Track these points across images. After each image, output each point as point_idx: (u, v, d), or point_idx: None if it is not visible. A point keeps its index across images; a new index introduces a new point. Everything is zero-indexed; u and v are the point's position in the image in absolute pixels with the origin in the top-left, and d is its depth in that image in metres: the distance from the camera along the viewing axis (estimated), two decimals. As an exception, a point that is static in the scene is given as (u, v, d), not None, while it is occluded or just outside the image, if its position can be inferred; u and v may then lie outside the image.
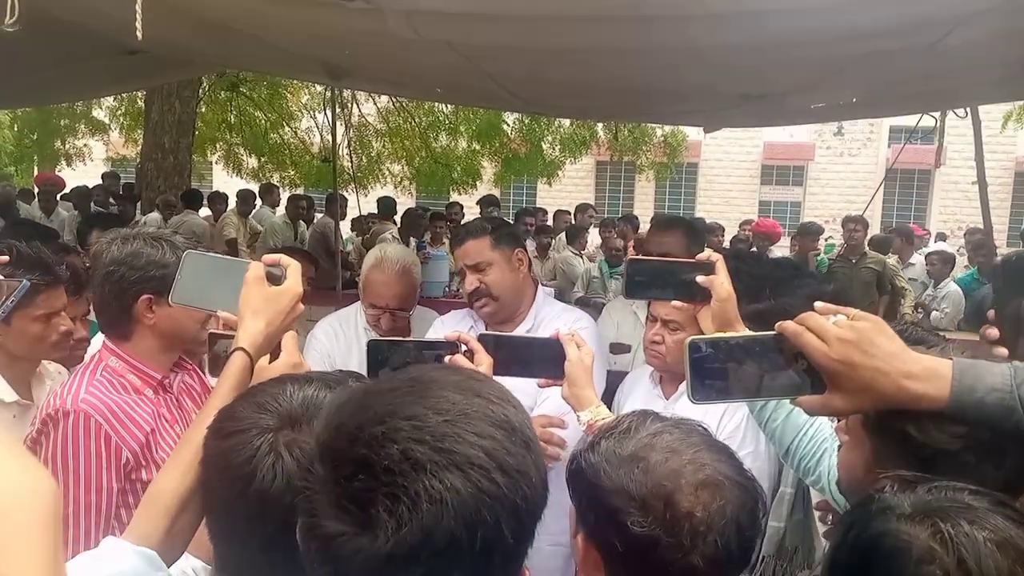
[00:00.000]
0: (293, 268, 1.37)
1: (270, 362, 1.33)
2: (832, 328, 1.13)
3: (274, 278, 1.36)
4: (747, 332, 1.26)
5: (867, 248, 7.56)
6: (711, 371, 1.19)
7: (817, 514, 1.92)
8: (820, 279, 2.20)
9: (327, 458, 0.81)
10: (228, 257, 1.50)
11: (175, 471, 1.11)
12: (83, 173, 14.52)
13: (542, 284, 2.73)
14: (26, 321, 2.04)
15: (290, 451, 0.97)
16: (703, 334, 1.41)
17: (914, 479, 0.94)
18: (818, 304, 1.19)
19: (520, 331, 2.45)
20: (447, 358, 1.49)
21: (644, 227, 8.80)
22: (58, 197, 9.83)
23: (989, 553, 0.80)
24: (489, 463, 0.78)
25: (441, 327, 2.63)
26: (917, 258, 8.51)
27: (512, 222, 7.87)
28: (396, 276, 2.68)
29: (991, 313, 1.28)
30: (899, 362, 1.10)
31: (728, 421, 2.08)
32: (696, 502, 1.04)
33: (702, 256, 1.54)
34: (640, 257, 1.76)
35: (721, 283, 1.51)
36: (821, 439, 1.59)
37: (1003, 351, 1.25)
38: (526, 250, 2.53)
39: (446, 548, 0.75)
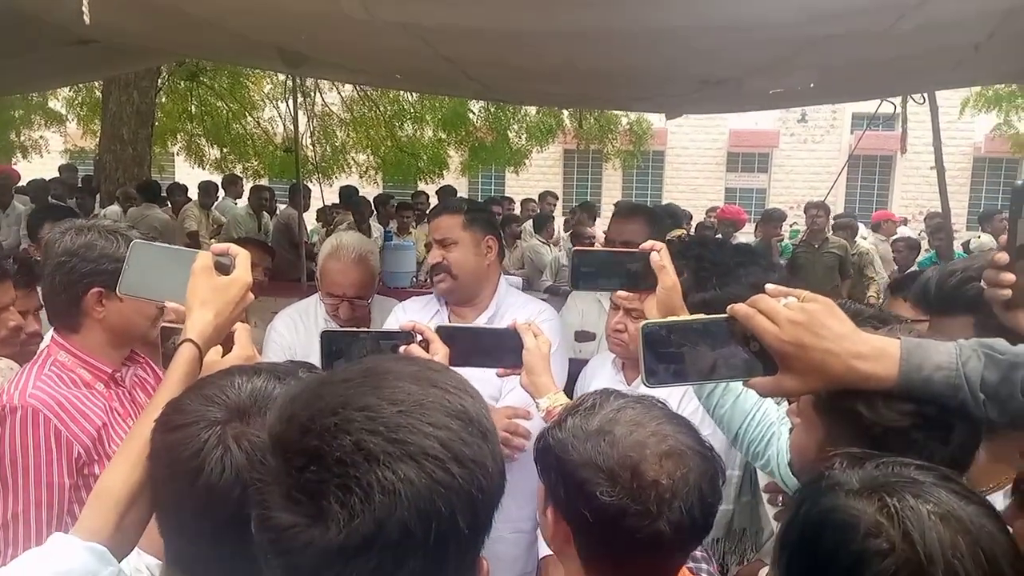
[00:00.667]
0: (242, 257, 1.35)
1: (223, 355, 1.32)
2: (783, 310, 1.14)
3: (223, 267, 1.34)
4: (700, 316, 1.28)
5: (829, 233, 7.69)
6: (665, 355, 1.20)
7: (765, 496, 1.96)
8: (767, 267, 2.21)
9: (279, 449, 0.80)
10: (176, 247, 1.47)
11: (123, 465, 1.09)
12: (40, 166, 14.18)
13: (512, 273, 2.74)
14: None
15: (238, 444, 0.95)
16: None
17: (863, 456, 0.96)
18: (769, 286, 1.21)
19: (481, 319, 2.46)
20: (402, 348, 1.49)
21: (609, 214, 8.85)
22: (13, 190, 9.58)
23: (932, 525, 0.82)
24: (444, 453, 0.77)
25: (403, 313, 2.63)
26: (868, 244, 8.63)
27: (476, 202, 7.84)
28: (353, 264, 2.67)
29: (1003, 238, 1.32)
30: (848, 343, 1.11)
31: (687, 404, 2.10)
32: (661, 471, 1.08)
33: (645, 246, 1.56)
34: (586, 248, 1.78)
35: (666, 271, 1.53)
36: (768, 423, 1.62)
37: (1010, 276, 1.28)
38: (499, 240, 2.53)
39: (399, 540, 0.74)
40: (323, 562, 0.75)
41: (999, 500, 1.47)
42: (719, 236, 8.38)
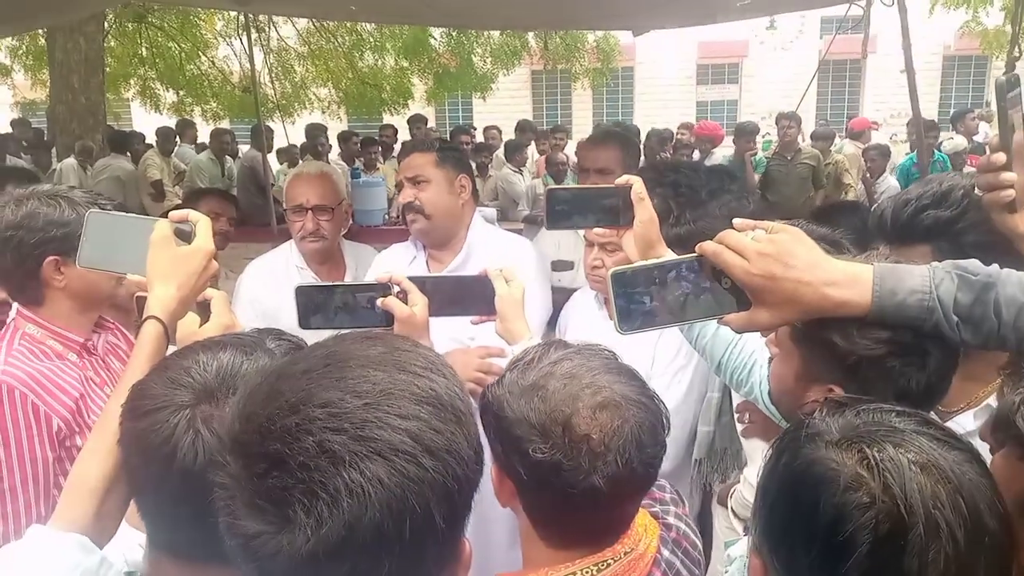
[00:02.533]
0: (203, 224, 1.30)
1: (201, 324, 1.28)
2: (751, 244, 1.12)
3: (184, 235, 1.29)
4: (669, 257, 1.25)
5: (801, 144, 7.63)
6: (636, 300, 1.18)
7: (736, 415, 1.99)
8: (740, 193, 2.18)
9: (238, 452, 0.75)
10: (132, 216, 1.41)
11: (96, 453, 1.07)
12: (-11, 121, 13.66)
13: (486, 204, 2.69)
14: None
15: (208, 427, 0.93)
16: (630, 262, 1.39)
17: (844, 402, 0.95)
18: (736, 221, 1.19)
19: (457, 260, 2.43)
20: (379, 300, 1.45)
21: (582, 135, 8.72)
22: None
23: (913, 476, 0.81)
24: (414, 447, 0.73)
25: (382, 261, 2.59)
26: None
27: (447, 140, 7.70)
28: (315, 176, 2.71)
29: (994, 139, 1.30)
30: (820, 271, 1.10)
31: (670, 338, 2.10)
32: (593, 424, 1.06)
33: (620, 180, 1.52)
34: (558, 187, 1.73)
35: (644, 204, 1.50)
36: (751, 351, 1.62)
37: (1010, 176, 1.26)
38: (471, 178, 2.48)
39: (372, 541, 0.71)
40: (294, 568, 0.72)
41: (969, 420, 1.49)
42: (696, 155, 8.32)
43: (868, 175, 7.62)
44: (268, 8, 6.48)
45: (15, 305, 1.87)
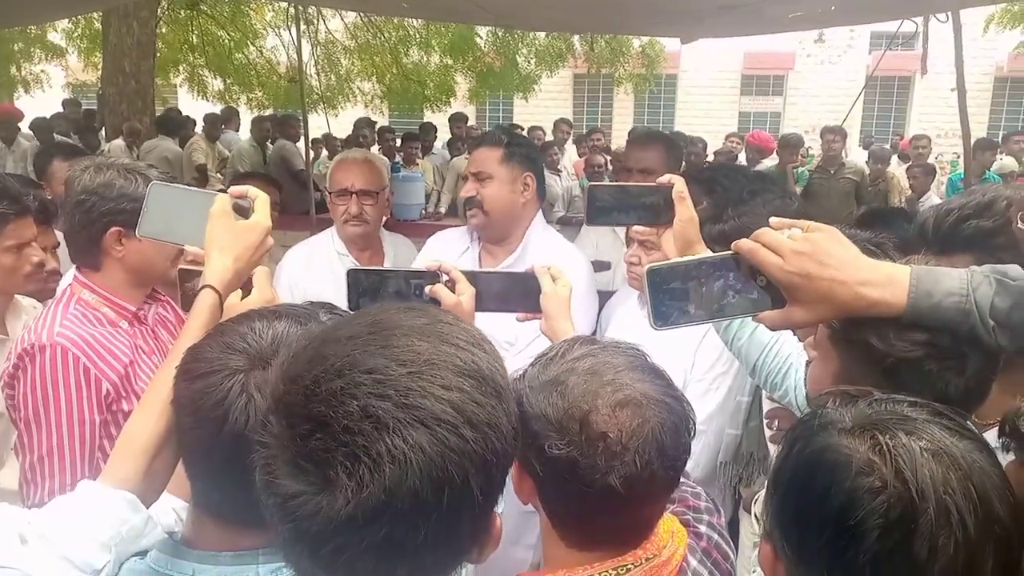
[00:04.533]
0: (261, 200, 1.32)
1: (242, 298, 1.30)
2: (786, 242, 1.12)
3: (242, 211, 1.31)
4: (705, 254, 1.25)
5: (845, 158, 7.54)
6: (672, 296, 1.18)
7: (765, 421, 1.97)
8: (782, 194, 2.16)
9: (282, 413, 0.76)
10: (195, 189, 1.45)
11: (148, 413, 1.09)
12: (43, 101, 14.00)
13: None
14: None
15: (261, 392, 0.94)
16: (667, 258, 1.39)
17: (857, 393, 0.95)
18: (773, 219, 1.18)
19: (510, 258, 2.41)
20: (427, 288, 1.46)
21: (622, 142, 8.70)
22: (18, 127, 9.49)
23: (925, 462, 0.81)
24: (456, 418, 0.74)
25: (434, 243, 2.61)
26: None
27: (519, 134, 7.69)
28: (360, 161, 2.75)
29: None
30: (855, 270, 1.09)
31: (712, 344, 2.08)
32: (612, 422, 1.02)
33: (663, 179, 1.52)
34: (600, 184, 1.74)
35: (685, 203, 1.50)
36: (786, 355, 1.61)
37: None
38: (538, 176, 2.45)
39: (411, 508, 0.72)
40: (332, 530, 0.73)
41: (994, 435, 1.47)
42: (742, 162, 8.25)
43: (912, 193, 7.51)
44: (322, 1, 6.56)
45: (68, 274, 1.94)
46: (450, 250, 2.48)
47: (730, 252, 1.18)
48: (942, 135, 15.51)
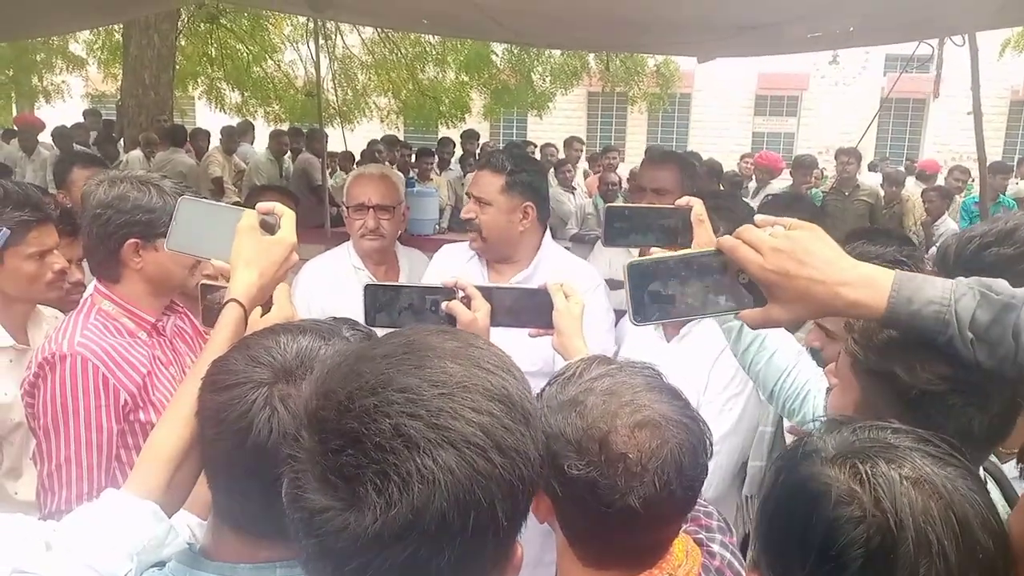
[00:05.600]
0: (287, 217, 1.34)
1: (262, 315, 1.32)
2: (767, 239, 1.10)
3: (268, 227, 1.33)
4: (687, 250, 1.24)
5: (859, 180, 7.52)
6: (652, 292, 1.17)
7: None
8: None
9: (315, 428, 0.77)
10: (223, 204, 1.47)
11: (172, 424, 1.11)
12: (63, 110, 14.19)
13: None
14: (19, 260, 2.03)
15: (285, 405, 0.95)
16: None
17: (843, 421, 0.95)
18: (758, 217, 1.17)
19: (518, 277, 2.42)
20: (444, 304, 1.46)
21: (635, 161, 8.69)
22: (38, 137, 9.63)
23: (905, 491, 0.81)
24: (486, 442, 0.74)
25: (441, 258, 2.63)
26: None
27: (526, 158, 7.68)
28: (377, 176, 2.77)
29: None
30: (834, 270, 1.08)
31: (729, 359, 2.08)
32: (631, 443, 1.02)
33: (681, 201, 1.53)
34: (618, 204, 1.74)
35: (704, 227, 1.50)
36: (804, 380, 1.60)
37: None
38: (540, 204, 2.44)
39: (437, 529, 0.72)
40: (357, 548, 0.73)
41: (1011, 466, 1.45)
42: (752, 185, 8.22)
43: (927, 216, 7.47)
44: (344, 16, 6.64)
45: (89, 286, 1.96)
46: (455, 260, 2.51)
47: (713, 249, 1.17)
48: (956, 158, 15.45)
